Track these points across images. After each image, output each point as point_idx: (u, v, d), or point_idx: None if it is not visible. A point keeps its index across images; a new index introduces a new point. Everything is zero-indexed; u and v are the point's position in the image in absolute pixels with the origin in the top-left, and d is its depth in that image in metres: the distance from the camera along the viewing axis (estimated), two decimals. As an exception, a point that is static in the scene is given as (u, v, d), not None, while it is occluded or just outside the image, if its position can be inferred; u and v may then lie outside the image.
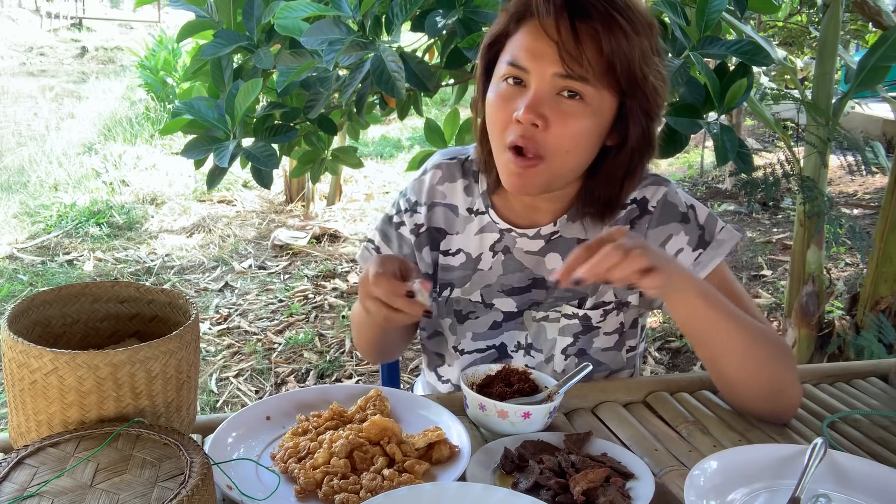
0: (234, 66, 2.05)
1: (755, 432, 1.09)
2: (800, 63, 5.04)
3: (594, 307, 1.22)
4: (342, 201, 5.86)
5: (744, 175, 2.06)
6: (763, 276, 4.33)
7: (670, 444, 1.05)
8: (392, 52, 1.65)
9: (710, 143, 6.12)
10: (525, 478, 0.91)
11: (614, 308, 1.22)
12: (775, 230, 5.11)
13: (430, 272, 1.29)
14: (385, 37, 1.74)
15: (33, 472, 0.75)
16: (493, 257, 1.25)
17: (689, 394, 1.20)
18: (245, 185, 6.07)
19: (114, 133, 7.54)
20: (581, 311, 1.22)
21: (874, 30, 3.51)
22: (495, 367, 1.14)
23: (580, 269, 0.93)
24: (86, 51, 13.47)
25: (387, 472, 0.91)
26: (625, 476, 0.92)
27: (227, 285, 4.24)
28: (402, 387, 1.73)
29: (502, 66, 1.07)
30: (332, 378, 3.22)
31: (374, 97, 2.31)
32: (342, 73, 1.88)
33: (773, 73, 3.92)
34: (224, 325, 3.70)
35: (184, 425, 0.92)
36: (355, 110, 1.95)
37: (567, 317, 1.23)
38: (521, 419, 1.01)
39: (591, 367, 1.12)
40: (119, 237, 5.01)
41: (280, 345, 3.49)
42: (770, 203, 5.42)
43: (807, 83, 4.62)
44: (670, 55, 1.68)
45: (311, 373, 3.25)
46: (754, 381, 1.08)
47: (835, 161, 2.85)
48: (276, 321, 3.76)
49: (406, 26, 1.87)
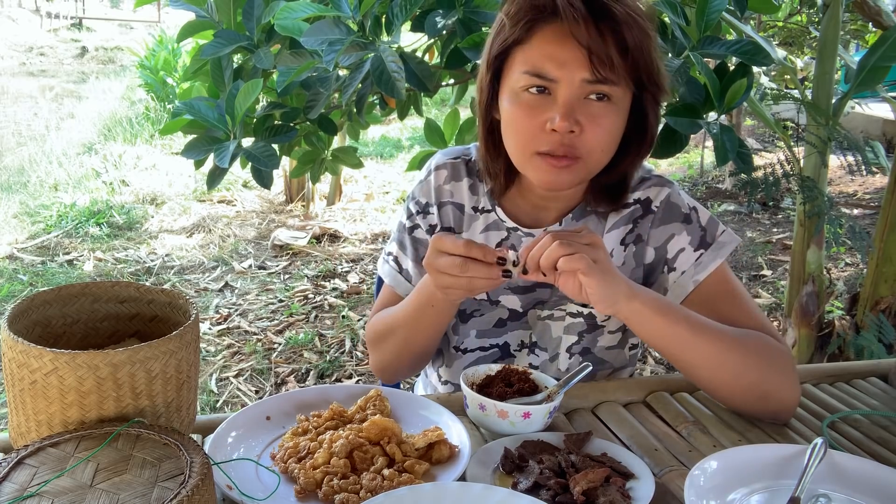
0: (234, 66, 2.05)
1: (755, 432, 1.09)
2: (800, 63, 5.04)
3: None
4: (342, 201, 5.86)
5: (744, 175, 2.06)
6: (763, 276, 4.33)
7: (670, 444, 1.05)
8: (392, 53, 1.65)
9: (710, 143, 6.12)
10: (525, 478, 0.91)
11: None
12: (775, 230, 5.11)
13: None
14: (385, 37, 1.74)
15: (33, 472, 0.75)
16: None
17: (689, 394, 1.20)
18: (245, 185, 6.07)
19: (114, 133, 7.54)
20: (586, 310, 1.23)
21: (874, 30, 3.51)
22: (495, 367, 1.14)
23: (522, 255, 0.98)
24: (86, 51, 13.47)
25: (387, 472, 0.91)
26: (625, 476, 0.92)
27: (227, 285, 4.24)
28: (402, 387, 1.73)
29: (520, 76, 1.05)
30: (332, 378, 3.22)
31: (374, 97, 2.32)
32: (342, 73, 1.88)
33: (773, 73, 3.92)
34: (224, 325, 3.70)
35: (184, 425, 0.92)
36: (355, 110, 1.95)
37: (572, 315, 1.23)
38: (521, 419, 1.01)
39: (591, 366, 1.12)
40: (119, 237, 5.01)
41: (280, 345, 3.49)
42: (770, 203, 5.42)
43: (807, 83, 4.62)
44: (670, 55, 1.68)
45: (311, 373, 3.25)
46: (732, 388, 1.09)
47: (835, 161, 2.85)
48: (276, 321, 3.76)
49: (406, 26, 1.87)
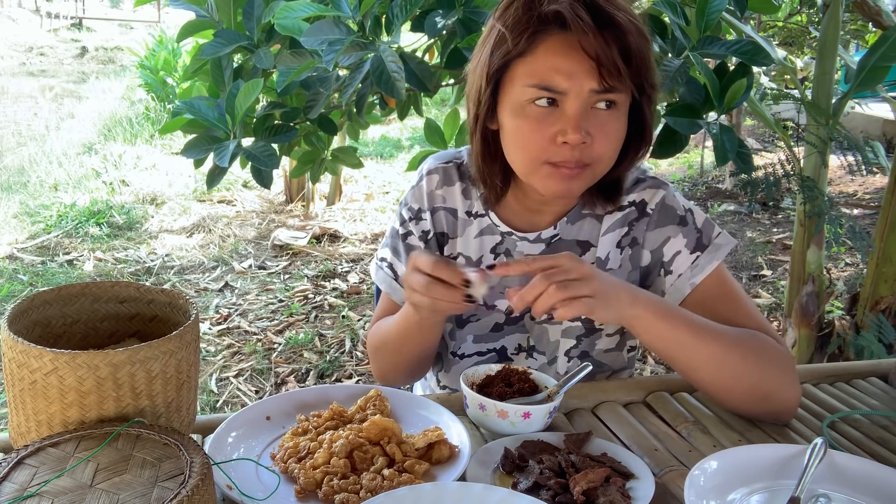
0: (235, 65, 2.05)
1: (755, 432, 1.09)
2: (800, 63, 5.04)
3: None
4: (342, 201, 5.86)
5: (744, 175, 2.06)
6: (763, 276, 4.33)
7: (670, 444, 1.05)
8: (392, 53, 1.65)
9: (710, 143, 6.12)
10: (525, 478, 0.91)
11: None
12: (775, 230, 5.11)
13: None
14: (385, 37, 1.74)
15: (33, 472, 0.75)
16: (495, 259, 1.25)
17: (689, 394, 1.20)
18: (245, 185, 6.07)
19: (114, 133, 7.54)
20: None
21: (874, 30, 3.51)
22: (495, 368, 1.14)
23: (511, 299, 0.98)
24: (86, 51, 13.47)
25: (387, 472, 0.91)
26: (625, 476, 0.92)
27: (227, 285, 4.24)
28: (402, 387, 1.73)
29: (525, 89, 1.03)
30: (332, 378, 3.22)
31: (374, 97, 2.31)
32: (342, 73, 1.88)
33: (773, 73, 3.92)
34: (224, 325, 3.70)
35: (184, 425, 0.92)
36: (355, 110, 1.95)
37: (569, 319, 1.23)
38: (521, 419, 1.01)
39: (591, 366, 1.12)
40: (119, 237, 5.01)
41: (280, 345, 3.49)
42: (770, 203, 5.42)
43: (807, 83, 4.62)
44: (670, 55, 1.68)
45: (311, 373, 3.25)
46: (733, 389, 1.08)
47: (835, 161, 2.85)
48: (276, 321, 3.76)
49: (406, 26, 1.87)
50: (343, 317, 3.78)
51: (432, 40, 2.09)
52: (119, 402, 0.83)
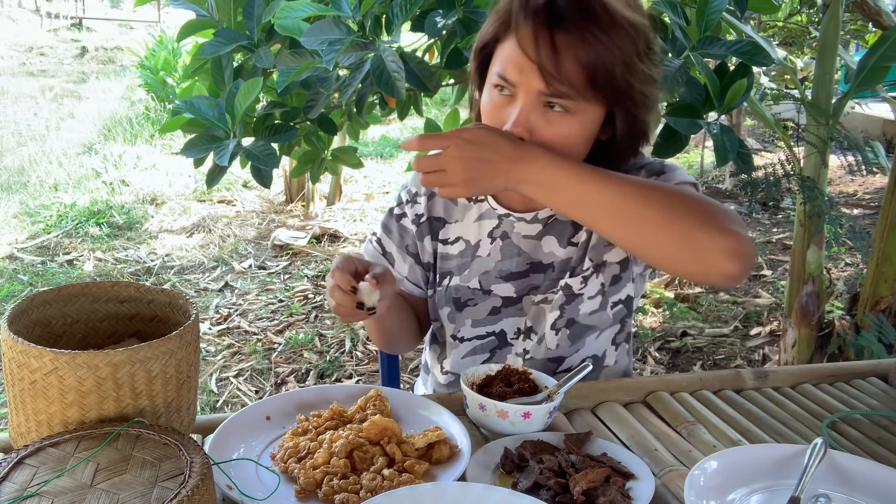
0: (235, 65, 2.05)
1: (755, 432, 1.09)
2: (800, 63, 5.03)
3: (573, 275, 1.23)
4: (342, 201, 5.86)
5: (744, 175, 2.06)
6: (763, 276, 4.33)
7: (670, 444, 1.05)
8: (392, 52, 1.65)
9: (710, 143, 6.12)
10: (525, 478, 0.91)
11: (593, 272, 1.23)
12: (775, 230, 5.11)
13: (431, 261, 1.31)
14: (385, 37, 1.74)
15: (33, 472, 0.75)
16: (492, 243, 1.26)
17: (689, 394, 1.20)
18: (245, 185, 6.07)
19: (114, 133, 7.54)
20: (563, 282, 1.23)
21: (874, 30, 3.51)
22: (495, 367, 1.14)
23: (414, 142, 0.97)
24: (86, 51, 13.47)
25: (387, 472, 0.91)
26: (625, 476, 0.92)
27: (227, 285, 4.24)
28: (402, 387, 1.73)
29: (493, 75, 1.08)
30: (332, 378, 3.22)
31: (374, 97, 2.31)
32: (342, 73, 1.88)
33: (773, 73, 3.92)
34: (224, 325, 3.70)
35: (184, 425, 0.92)
36: (355, 110, 1.95)
37: (554, 292, 1.24)
38: (521, 419, 1.01)
39: (591, 366, 1.12)
40: (119, 237, 5.01)
41: (280, 345, 3.49)
42: (770, 203, 5.42)
43: (807, 83, 4.62)
44: (670, 55, 1.68)
45: (311, 373, 3.25)
46: (661, 234, 0.95)
47: (835, 161, 2.85)
48: (276, 321, 3.76)
49: (406, 26, 1.87)
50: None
51: (432, 40, 2.09)
52: (119, 402, 0.83)
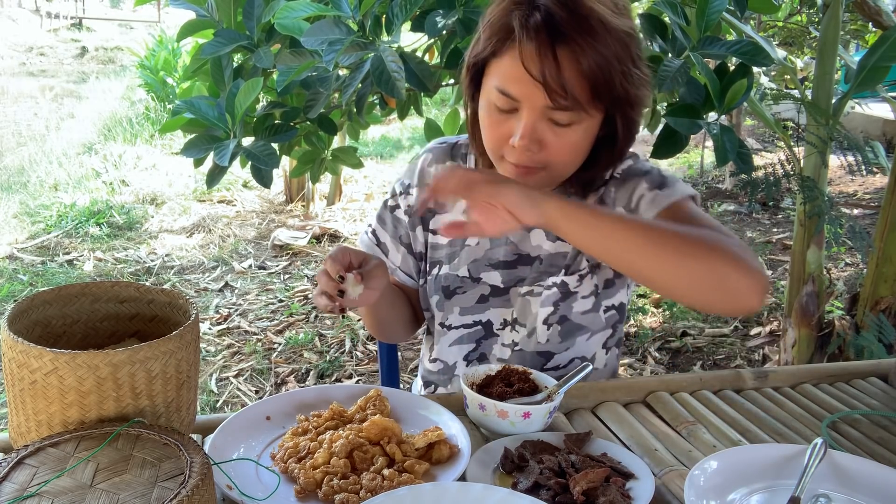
0: (235, 65, 2.05)
1: (755, 432, 1.09)
2: (800, 63, 5.03)
3: (570, 273, 1.24)
4: (342, 201, 5.86)
5: (744, 175, 2.06)
6: (763, 276, 4.32)
7: (670, 444, 1.05)
8: (392, 52, 1.65)
9: (710, 143, 6.12)
10: (525, 478, 0.91)
11: (588, 272, 1.25)
12: (775, 230, 5.11)
13: (423, 251, 1.34)
14: (385, 37, 1.74)
15: (33, 472, 0.75)
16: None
17: (689, 394, 1.20)
18: (245, 185, 6.07)
19: (114, 133, 7.54)
20: (559, 279, 1.24)
21: (874, 30, 3.51)
22: (495, 367, 1.14)
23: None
24: (86, 51, 13.47)
25: (387, 472, 0.91)
26: (625, 476, 0.92)
27: (227, 285, 4.24)
28: (402, 387, 1.73)
29: (492, 90, 1.07)
30: (332, 378, 3.22)
31: (374, 97, 2.31)
32: (342, 73, 1.88)
33: (773, 73, 3.92)
34: (224, 325, 3.70)
35: (184, 425, 0.92)
36: (355, 110, 1.95)
37: (547, 288, 1.25)
38: (521, 419, 1.01)
39: (591, 366, 1.12)
40: (119, 237, 5.01)
41: (280, 345, 3.49)
42: (770, 203, 5.42)
43: (807, 83, 4.62)
44: (670, 55, 1.68)
45: (311, 373, 3.25)
46: (678, 276, 0.97)
47: (835, 161, 2.85)
48: (276, 321, 3.76)
49: (406, 26, 1.87)
50: (343, 317, 3.78)
51: (432, 40, 2.09)
52: (119, 402, 0.83)
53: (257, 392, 3.11)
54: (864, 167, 2.44)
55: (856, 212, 5.06)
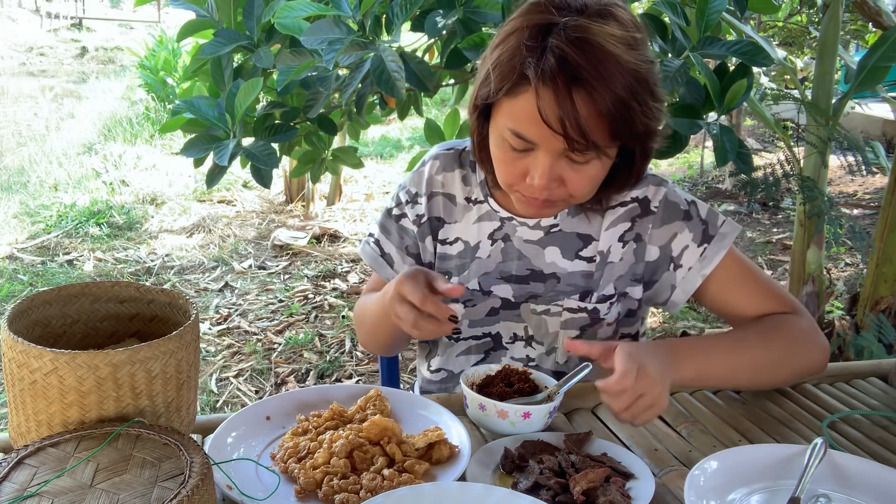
0: (235, 65, 2.05)
1: (755, 432, 1.09)
2: (800, 63, 5.04)
3: (600, 301, 1.23)
4: (342, 201, 5.86)
5: (744, 175, 2.06)
6: (763, 276, 4.32)
7: (670, 444, 1.05)
8: (392, 52, 1.65)
9: (710, 143, 6.12)
10: (525, 478, 0.91)
11: (616, 299, 1.24)
12: (775, 230, 5.11)
13: (433, 261, 1.31)
14: (385, 37, 1.74)
15: (33, 472, 0.75)
16: (493, 245, 1.26)
17: (689, 394, 1.20)
18: (245, 185, 6.07)
19: (114, 133, 7.54)
20: (590, 305, 1.23)
21: (874, 30, 3.51)
22: (495, 367, 1.14)
23: (614, 407, 0.98)
24: (86, 51, 13.47)
25: (387, 472, 0.91)
26: (625, 476, 0.92)
27: (227, 285, 4.24)
28: (402, 387, 1.73)
29: (506, 129, 1.04)
30: (332, 378, 3.22)
31: (374, 97, 2.32)
32: (342, 72, 1.88)
33: (773, 73, 3.92)
34: (224, 325, 3.70)
35: (184, 425, 0.92)
36: (355, 110, 1.95)
37: (571, 311, 1.23)
38: (521, 419, 1.01)
39: (591, 366, 1.12)
40: (119, 237, 5.01)
41: (280, 345, 3.49)
42: (770, 203, 5.42)
43: (807, 83, 4.62)
44: (670, 55, 1.68)
45: (311, 373, 3.25)
46: (774, 381, 1.20)
47: (835, 161, 2.85)
48: (276, 321, 3.76)
49: (406, 26, 1.87)
50: (343, 317, 3.78)
51: (432, 40, 2.09)
52: (119, 402, 0.83)
53: (257, 392, 3.11)
54: (864, 167, 2.44)
55: (856, 212, 5.06)
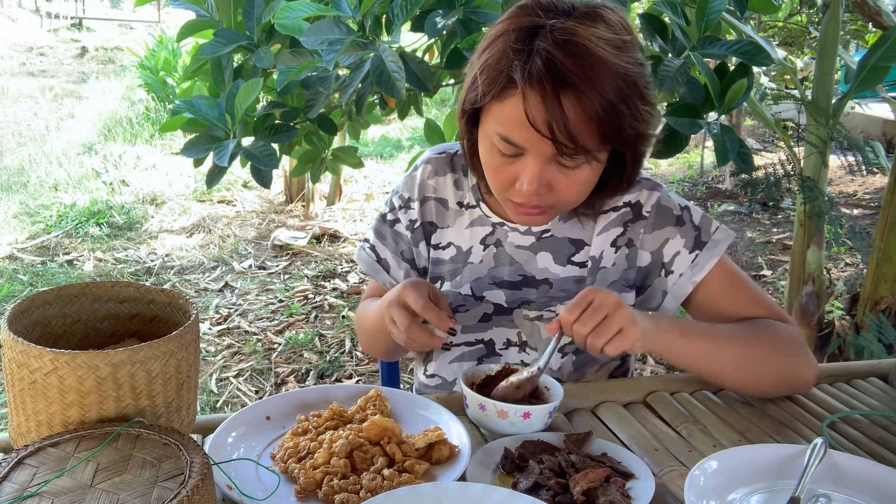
0: (235, 65, 2.05)
1: (755, 432, 1.09)
2: (800, 63, 5.03)
3: None
4: (342, 201, 5.86)
5: (744, 175, 2.06)
6: (763, 276, 4.33)
7: (670, 444, 1.05)
8: (392, 52, 1.65)
9: (710, 143, 6.12)
10: (525, 478, 0.91)
11: None
12: (775, 230, 5.11)
13: (427, 267, 1.31)
14: (385, 37, 1.74)
15: (33, 472, 0.75)
16: (485, 250, 1.26)
17: (689, 394, 1.20)
18: (245, 185, 6.07)
19: (114, 133, 7.54)
20: None
21: (874, 30, 3.51)
22: (495, 367, 1.14)
23: (567, 330, 1.02)
24: (86, 51, 13.46)
25: (387, 472, 0.91)
26: (625, 476, 0.92)
27: (227, 285, 4.24)
28: (402, 387, 1.73)
29: (494, 134, 1.04)
30: (332, 378, 3.22)
31: (374, 97, 2.31)
32: (342, 72, 1.88)
33: (773, 73, 3.92)
34: (224, 325, 3.70)
35: (184, 425, 0.92)
36: (355, 110, 1.95)
37: (551, 310, 1.24)
38: (521, 419, 1.01)
39: (571, 338, 1.09)
40: (119, 237, 5.01)
41: (280, 345, 3.49)
42: (770, 203, 5.42)
43: (807, 83, 4.62)
44: (670, 55, 1.68)
45: (311, 373, 3.25)
46: (757, 382, 1.16)
47: (835, 161, 2.85)
48: (276, 321, 3.76)
49: (406, 26, 1.87)
50: (343, 317, 3.78)
51: (432, 40, 2.09)
52: (119, 402, 0.83)
53: (257, 392, 3.11)
54: (864, 167, 2.44)
55: (856, 212, 5.06)
